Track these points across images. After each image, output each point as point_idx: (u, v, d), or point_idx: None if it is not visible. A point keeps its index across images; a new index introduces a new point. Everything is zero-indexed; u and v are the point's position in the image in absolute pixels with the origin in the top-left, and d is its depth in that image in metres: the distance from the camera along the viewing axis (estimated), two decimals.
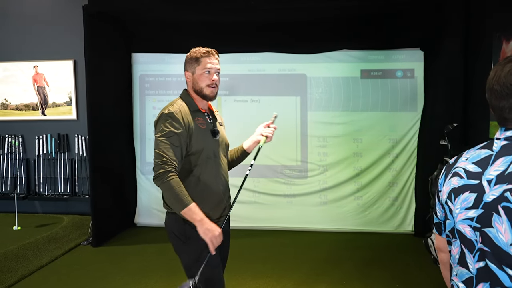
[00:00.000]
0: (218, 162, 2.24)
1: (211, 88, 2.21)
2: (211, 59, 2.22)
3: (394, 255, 4.44)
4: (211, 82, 2.20)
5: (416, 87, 5.05)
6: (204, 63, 2.20)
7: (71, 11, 5.45)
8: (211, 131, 2.23)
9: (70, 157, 5.76)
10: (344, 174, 5.21)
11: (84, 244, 4.77)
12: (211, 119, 2.30)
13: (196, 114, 2.22)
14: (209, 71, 2.21)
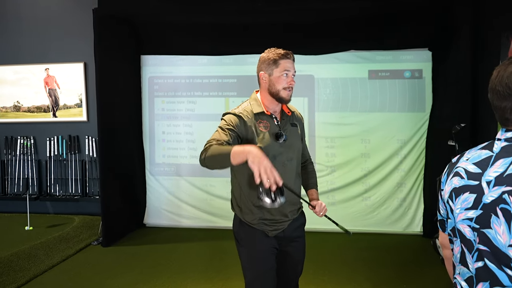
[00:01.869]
0: (280, 165, 2.14)
1: (288, 91, 2.18)
2: (289, 62, 2.18)
3: (402, 256, 4.44)
4: (288, 85, 2.17)
5: (424, 87, 5.03)
6: (283, 65, 2.17)
7: (81, 14, 5.53)
8: (275, 134, 2.17)
9: (80, 158, 5.83)
10: (352, 174, 5.21)
11: (95, 244, 4.83)
12: (280, 122, 2.23)
13: (260, 117, 2.19)
14: (287, 73, 2.17)
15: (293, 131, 2.27)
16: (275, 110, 2.24)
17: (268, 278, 2.21)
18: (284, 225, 2.24)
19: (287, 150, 2.20)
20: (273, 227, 2.22)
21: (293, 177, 2.24)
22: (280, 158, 2.17)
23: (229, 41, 5.27)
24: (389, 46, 5.07)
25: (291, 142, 2.23)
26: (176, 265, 4.23)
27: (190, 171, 5.40)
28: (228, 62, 5.35)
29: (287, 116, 2.27)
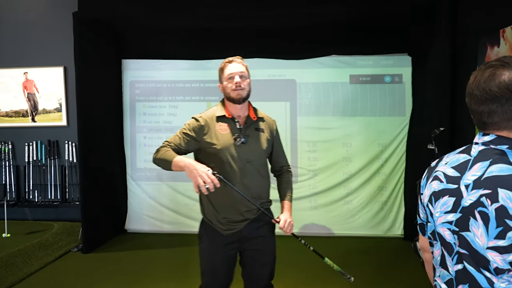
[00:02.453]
0: (236, 166, 2.28)
1: (236, 91, 2.28)
2: (233, 64, 2.33)
3: (384, 259, 4.47)
4: (235, 85, 2.28)
5: (404, 92, 5.11)
6: (228, 71, 2.32)
7: (61, 18, 5.45)
8: (234, 136, 2.30)
9: (60, 163, 5.74)
10: (334, 178, 5.24)
11: (74, 251, 4.75)
12: (242, 126, 2.34)
13: (221, 120, 2.34)
14: (232, 76, 2.30)
15: (256, 135, 2.37)
16: (239, 114, 2.36)
17: (219, 276, 2.37)
18: (240, 225, 2.33)
19: (246, 152, 2.31)
20: (227, 226, 2.32)
21: (253, 179, 2.32)
22: (238, 159, 2.29)
23: (211, 46, 5.26)
24: (370, 51, 5.14)
25: (252, 145, 2.34)
26: (158, 271, 4.19)
27: (171, 176, 5.35)
28: (210, 67, 5.34)
29: (252, 121, 2.38)
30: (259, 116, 2.42)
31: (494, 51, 3.52)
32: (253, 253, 2.39)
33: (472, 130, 3.94)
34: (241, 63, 2.36)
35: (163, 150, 2.26)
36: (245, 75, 2.34)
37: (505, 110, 1.20)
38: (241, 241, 2.36)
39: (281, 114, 5.28)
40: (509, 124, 1.22)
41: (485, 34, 3.71)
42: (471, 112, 1.31)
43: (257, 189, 2.36)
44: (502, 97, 1.19)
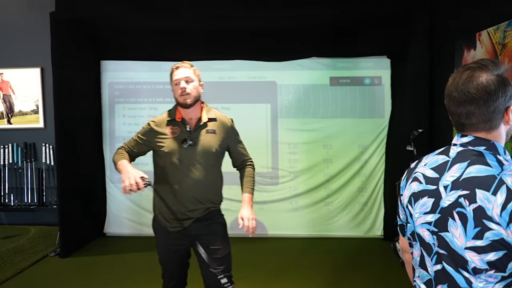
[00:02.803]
0: (182, 168, 2.39)
1: (182, 96, 2.37)
2: (179, 70, 2.41)
3: (364, 259, 4.51)
4: (180, 90, 2.37)
5: (383, 94, 5.16)
6: (173, 76, 2.42)
7: (38, 18, 5.33)
8: (182, 139, 2.39)
9: (37, 166, 5.62)
10: (315, 180, 5.27)
11: (52, 256, 4.66)
12: (192, 129, 2.44)
13: (171, 123, 2.46)
14: (177, 82, 2.40)
15: (208, 137, 2.46)
16: (190, 117, 2.47)
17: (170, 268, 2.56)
18: (185, 223, 2.44)
19: (194, 154, 2.41)
20: (172, 224, 2.46)
21: (200, 181, 2.42)
22: (186, 162, 2.40)
23: (191, 47, 5.23)
24: (350, 54, 5.18)
25: (201, 147, 2.42)
26: (138, 274, 4.14)
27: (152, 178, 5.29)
28: None
29: (203, 123, 2.47)
30: (210, 117, 2.50)
31: (470, 54, 3.59)
32: (207, 249, 2.47)
33: (450, 132, 4.00)
34: (188, 67, 2.43)
35: (117, 152, 2.50)
36: (191, 79, 2.40)
37: (483, 112, 1.22)
38: (190, 238, 2.48)
39: (262, 116, 5.29)
40: (487, 125, 1.24)
41: (461, 37, 3.78)
42: (449, 113, 1.33)
43: (204, 191, 2.45)
44: (480, 98, 1.21)
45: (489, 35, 3.27)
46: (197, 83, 2.44)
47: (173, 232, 2.47)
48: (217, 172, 2.56)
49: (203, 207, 2.46)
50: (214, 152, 2.47)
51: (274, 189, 5.30)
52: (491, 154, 1.22)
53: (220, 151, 2.52)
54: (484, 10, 3.42)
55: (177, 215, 2.43)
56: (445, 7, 4.26)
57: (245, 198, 2.55)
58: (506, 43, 3.01)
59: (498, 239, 1.12)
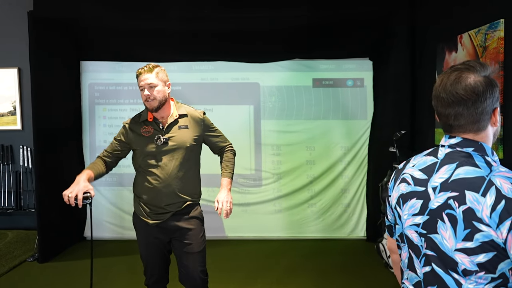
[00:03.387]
0: (158, 164, 2.52)
1: (148, 102, 2.48)
2: (142, 76, 2.47)
3: (347, 260, 4.52)
4: (145, 97, 2.47)
5: (366, 95, 5.19)
6: (139, 81, 2.49)
7: (15, 17, 5.22)
8: (154, 138, 2.52)
9: (14, 169, 5.49)
10: (298, 182, 5.26)
11: (30, 261, 4.55)
12: (164, 127, 2.55)
13: (145, 123, 2.58)
14: (142, 88, 2.49)
15: (180, 133, 2.56)
16: (162, 116, 2.57)
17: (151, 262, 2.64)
18: (164, 217, 2.55)
19: (168, 151, 2.53)
20: (152, 217, 2.56)
21: (176, 176, 2.53)
22: (161, 158, 2.52)
23: (173, 48, 5.18)
24: (332, 55, 5.20)
25: (175, 143, 2.54)
26: (119, 279, 4.07)
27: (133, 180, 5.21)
28: (172, 69, 5.25)
29: (174, 119, 2.57)
30: (181, 114, 2.59)
31: (452, 56, 3.63)
32: (181, 244, 2.58)
33: (432, 133, 4.04)
34: (150, 72, 2.47)
35: (94, 161, 2.62)
36: (154, 84, 2.47)
37: (471, 113, 1.22)
38: (168, 231, 2.58)
39: (245, 117, 5.26)
40: (475, 126, 1.24)
41: (443, 39, 3.82)
42: (437, 114, 1.32)
43: (181, 186, 2.55)
44: (468, 100, 1.21)
45: (470, 37, 3.31)
46: (161, 86, 2.50)
47: (153, 226, 2.57)
48: (193, 166, 2.66)
49: (180, 201, 2.57)
50: (188, 147, 2.57)
51: (257, 191, 5.28)
52: (479, 155, 1.22)
53: (194, 145, 2.61)
54: (465, 13, 3.46)
55: (156, 209, 2.55)
56: (426, 9, 4.31)
57: (223, 182, 2.65)
58: (487, 46, 3.05)
59: (488, 241, 1.12)
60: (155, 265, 2.66)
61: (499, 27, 2.91)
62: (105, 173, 2.61)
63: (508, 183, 1.13)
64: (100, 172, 2.55)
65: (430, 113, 4.09)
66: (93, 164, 2.57)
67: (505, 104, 2.60)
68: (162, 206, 2.54)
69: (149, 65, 2.51)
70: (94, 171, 2.51)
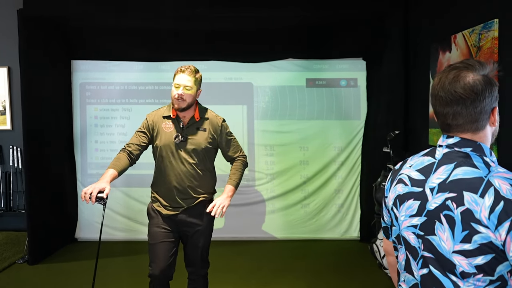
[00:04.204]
0: (174, 161, 2.65)
1: (177, 101, 2.58)
2: (181, 75, 2.58)
3: (341, 261, 4.51)
4: (177, 95, 2.56)
5: (359, 96, 5.18)
6: (177, 79, 2.59)
7: (4, 15, 5.15)
8: (175, 135, 2.64)
9: (4, 169, 5.41)
10: (291, 182, 5.24)
11: (20, 263, 4.48)
12: (185, 126, 2.67)
13: (167, 118, 2.70)
14: (177, 86, 2.59)
15: (198, 134, 2.68)
16: (184, 115, 2.67)
17: (158, 250, 2.70)
18: (178, 210, 2.69)
19: (185, 149, 2.65)
20: (167, 209, 2.70)
21: (189, 173, 2.66)
22: (177, 155, 2.65)
23: (165, 48, 5.14)
24: (326, 55, 5.18)
25: (192, 143, 2.66)
26: (111, 281, 4.01)
27: (125, 181, 5.16)
28: (165, 69, 5.21)
29: (195, 121, 2.68)
30: (203, 117, 2.71)
31: (446, 57, 3.62)
32: (190, 237, 2.73)
33: (425, 133, 4.03)
34: (191, 74, 2.59)
35: (116, 156, 2.64)
36: (190, 87, 2.57)
37: (470, 112, 1.20)
38: (178, 224, 2.71)
39: (238, 117, 5.23)
40: (473, 126, 1.21)
41: (436, 40, 3.81)
42: (435, 113, 1.29)
43: (194, 183, 2.68)
44: (467, 98, 1.19)
45: (464, 37, 3.30)
46: (194, 91, 2.61)
47: (165, 216, 2.70)
48: (208, 166, 2.78)
49: (193, 197, 2.69)
50: (204, 148, 2.68)
51: (250, 191, 5.25)
52: (477, 155, 1.20)
53: (209, 147, 2.72)
54: (459, 13, 3.45)
55: (170, 203, 2.69)
56: (420, 10, 4.30)
57: (226, 188, 2.73)
58: (482, 46, 3.04)
59: (487, 243, 1.10)
60: (161, 253, 2.71)
61: (493, 27, 2.90)
62: (130, 166, 2.64)
63: (507, 184, 1.11)
64: (123, 168, 2.58)
65: (423, 113, 4.09)
66: (116, 160, 2.59)
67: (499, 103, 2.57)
68: (176, 201, 2.68)
69: (192, 67, 2.61)
70: (118, 168, 2.54)
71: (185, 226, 2.72)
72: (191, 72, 2.59)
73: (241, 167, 2.84)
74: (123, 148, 2.67)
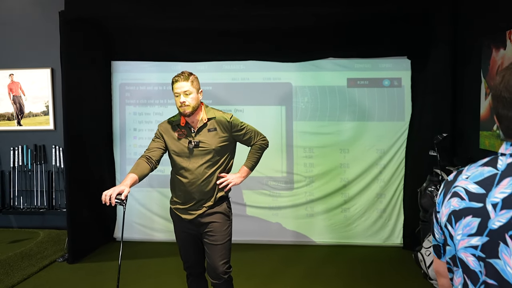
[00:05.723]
0: (188, 165, 2.70)
1: (182, 107, 2.66)
2: (178, 84, 2.65)
3: (383, 269, 4.31)
4: (180, 103, 2.65)
5: (403, 96, 4.95)
6: (174, 88, 2.67)
7: (48, 17, 5.25)
8: (188, 141, 2.70)
9: (47, 169, 5.53)
10: (331, 185, 5.07)
11: (60, 261, 4.55)
12: (195, 130, 2.72)
13: (179, 126, 2.76)
14: (177, 95, 2.66)
15: (209, 135, 2.73)
16: (193, 120, 2.74)
17: (184, 251, 2.87)
18: (196, 213, 2.73)
19: (198, 153, 2.71)
20: (185, 213, 2.76)
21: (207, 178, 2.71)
22: (193, 161, 2.71)
23: (204, 47, 5.09)
24: (368, 54, 4.98)
25: (205, 145, 2.71)
26: (149, 282, 4.00)
27: (162, 182, 5.14)
28: (202, 69, 5.15)
29: (203, 123, 2.74)
30: (209, 117, 2.76)
31: (499, 54, 3.37)
32: (207, 236, 2.75)
33: (475, 137, 3.78)
34: (186, 80, 2.64)
35: (137, 161, 2.71)
36: (190, 91, 2.64)
37: None
38: (198, 225, 2.76)
39: (277, 118, 5.11)
40: None
41: (488, 35, 3.56)
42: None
43: (209, 184, 2.73)
44: None
45: None
46: (195, 94, 2.68)
47: (186, 221, 2.77)
48: (223, 165, 2.81)
49: (210, 195, 2.76)
50: (215, 149, 2.73)
51: (288, 194, 5.12)
52: None
53: (224, 146, 2.78)
54: None
55: (188, 206, 2.75)
56: (470, 2, 4.04)
57: (241, 169, 2.95)
58: None
59: None
60: (189, 253, 2.87)
61: None
62: (151, 170, 2.70)
63: None
64: (144, 173, 2.64)
65: (474, 115, 3.83)
66: (136, 166, 2.66)
67: None
68: (193, 203, 2.73)
69: (185, 73, 2.67)
70: (138, 173, 2.60)
71: (202, 226, 2.77)
72: (185, 77, 2.66)
73: (258, 150, 2.97)
74: (142, 154, 2.76)
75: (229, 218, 2.85)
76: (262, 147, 2.98)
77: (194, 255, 2.89)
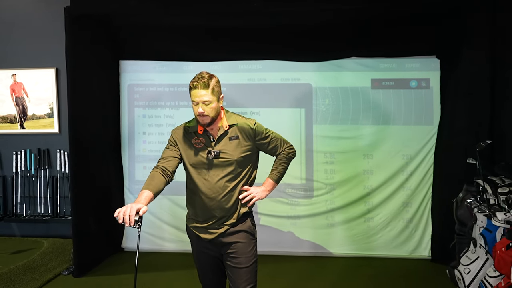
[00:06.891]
0: (207, 177, 2.42)
1: (200, 117, 2.35)
2: (197, 92, 2.31)
3: (410, 283, 4.02)
4: (197, 114, 2.34)
5: (432, 98, 4.64)
6: (192, 95, 2.33)
7: (53, 14, 4.99)
8: (207, 151, 2.40)
9: (51, 174, 5.25)
10: (354, 193, 4.76)
11: (65, 274, 4.25)
12: (215, 139, 2.43)
13: (196, 134, 2.46)
14: (195, 103, 2.34)
15: (230, 144, 2.44)
16: (212, 128, 2.44)
17: (204, 274, 2.61)
18: (217, 232, 2.46)
19: (218, 165, 2.41)
20: (205, 232, 2.48)
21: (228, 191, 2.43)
22: (214, 172, 2.42)
23: (217, 47, 4.80)
24: (393, 53, 4.68)
25: (226, 156, 2.41)
26: None
27: (174, 189, 4.76)
28: (216, 69, 4.85)
29: (224, 130, 2.44)
30: (231, 124, 2.47)
31: None
32: (229, 258, 2.47)
33: None
34: (206, 87, 2.31)
35: (151, 173, 2.39)
36: (209, 101, 2.32)
37: None
38: (219, 245, 2.49)
39: (296, 121, 4.81)
40: None
41: None
42: None
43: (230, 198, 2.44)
44: None
45: None
46: (215, 103, 2.36)
47: (206, 240, 2.50)
48: (245, 176, 2.52)
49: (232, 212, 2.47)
50: (242, 157, 2.46)
51: (308, 203, 4.81)
52: None
53: (247, 156, 2.49)
54: None
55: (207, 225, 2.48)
56: None
57: (265, 181, 2.66)
58: None
59: None
60: (207, 277, 2.62)
61: None
62: (166, 184, 2.40)
63: None
64: (159, 189, 2.32)
65: None
66: (150, 179, 2.33)
67: None
68: (214, 221, 2.46)
69: (204, 78, 2.31)
70: (153, 189, 2.27)
71: (224, 247, 2.50)
72: (204, 84, 2.31)
73: (284, 160, 2.68)
74: (156, 165, 2.43)
75: (254, 237, 2.56)
76: (289, 157, 2.70)
77: (214, 277, 2.61)
